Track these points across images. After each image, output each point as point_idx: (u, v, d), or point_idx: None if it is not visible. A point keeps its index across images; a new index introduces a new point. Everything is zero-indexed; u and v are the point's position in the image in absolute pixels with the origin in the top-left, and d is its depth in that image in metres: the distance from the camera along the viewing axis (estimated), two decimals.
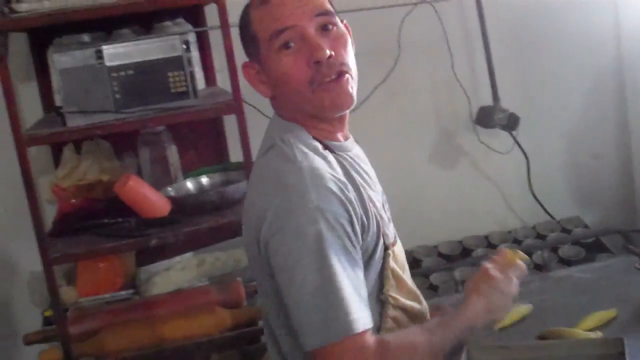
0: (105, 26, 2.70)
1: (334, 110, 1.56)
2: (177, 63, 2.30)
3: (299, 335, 1.43)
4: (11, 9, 2.20)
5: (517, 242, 3.28)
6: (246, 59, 1.63)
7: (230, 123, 2.90)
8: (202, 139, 2.96)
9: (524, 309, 2.22)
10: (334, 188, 1.47)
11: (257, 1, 1.56)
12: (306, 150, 1.53)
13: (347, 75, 1.54)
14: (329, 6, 1.58)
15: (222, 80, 2.91)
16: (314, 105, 1.54)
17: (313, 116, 1.58)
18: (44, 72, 2.78)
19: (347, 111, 1.61)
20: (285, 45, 1.52)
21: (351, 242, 1.47)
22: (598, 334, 1.99)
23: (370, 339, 1.42)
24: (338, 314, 1.39)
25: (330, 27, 1.56)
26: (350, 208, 1.47)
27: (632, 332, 1.96)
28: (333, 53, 1.52)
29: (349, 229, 1.46)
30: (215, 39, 2.90)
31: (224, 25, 2.30)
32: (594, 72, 3.43)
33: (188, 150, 2.87)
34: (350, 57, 1.58)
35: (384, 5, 2.79)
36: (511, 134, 3.25)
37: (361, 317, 1.41)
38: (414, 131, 3.29)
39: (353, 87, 1.56)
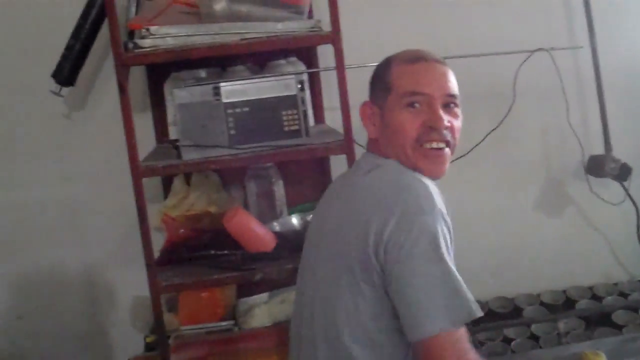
0: (221, 62, 2.77)
1: (426, 174, 1.77)
2: (292, 102, 2.34)
3: (417, 324, 1.56)
4: (135, 44, 2.27)
5: (622, 295, 3.17)
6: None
7: (335, 160, 2.92)
8: (308, 176, 2.98)
9: None
10: (441, 199, 1.69)
11: (406, 58, 1.83)
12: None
13: (448, 150, 1.79)
14: (457, 91, 1.82)
15: (330, 117, 2.95)
16: (410, 161, 1.78)
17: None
18: (159, 104, 2.86)
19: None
20: (412, 105, 1.78)
21: (451, 249, 1.66)
22: None
23: None
24: (462, 300, 1.58)
25: (453, 106, 1.81)
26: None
27: None
28: (449, 125, 1.77)
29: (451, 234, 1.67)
30: (325, 77, 2.95)
31: (340, 67, 2.32)
32: None
33: (294, 186, 2.90)
34: (458, 136, 1.82)
35: (502, 51, 2.78)
36: (622, 185, 3.17)
37: (476, 304, 1.60)
38: (523, 178, 3.24)
39: (448, 162, 1.81)
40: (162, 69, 2.77)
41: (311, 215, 2.71)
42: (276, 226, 2.62)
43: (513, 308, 3.15)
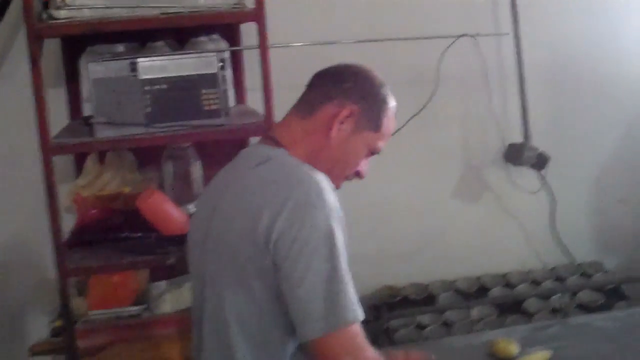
0: (140, 37, 2.67)
1: None
2: (212, 81, 2.27)
3: (307, 323, 1.55)
4: (49, 14, 2.17)
5: (535, 283, 3.23)
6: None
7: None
8: (227, 158, 2.91)
9: (542, 355, 2.19)
10: (334, 194, 1.66)
11: (394, 110, 1.83)
12: None
13: None
14: None
15: (251, 99, 2.89)
16: (329, 177, 1.71)
17: None
18: (73, 80, 2.76)
19: None
20: (373, 152, 1.82)
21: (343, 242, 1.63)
22: None
23: None
24: (347, 303, 1.56)
25: None
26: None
27: None
28: None
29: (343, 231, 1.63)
30: (248, 57, 2.89)
31: (263, 46, 2.27)
32: (624, 117, 3.42)
33: (212, 168, 2.82)
34: None
35: (426, 36, 2.77)
36: (539, 174, 3.22)
37: (360, 308, 1.59)
38: (443, 163, 3.27)
39: None
40: (78, 43, 2.65)
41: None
42: (192, 209, 2.55)
43: (427, 295, 3.17)
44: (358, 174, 1.82)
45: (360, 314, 1.58)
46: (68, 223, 2.66)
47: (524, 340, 2.29)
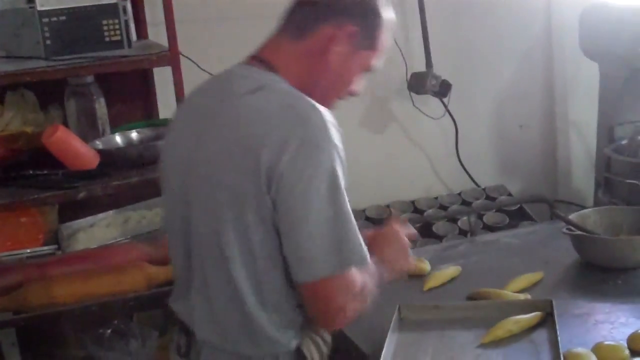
0: None
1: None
2: (113, 11, 2.25)
3: (305, 265, 1.49)
4: None
5: (442, 208, 3.33)
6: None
7: (160, 79, 2.84)
8: (131, 94, 2.88)
9: (452, 270, 2.25)
10: (339, 129, 1.55)
11: (391, 20, 1.68)
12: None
13: None
14: None
15: (153, 34, 2.85)
16: (318, 98, 1.58)
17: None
18: None
19: None
20: (368, 71, 1.69)
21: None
22: (527, 296, 2.03)
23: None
24: (354, 245, 1.50)
25: None
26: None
27: (559, 294, 2.02)
28: None
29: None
30: None
31: None
32: (524, 43, 3.51)
33: (116, 104, 2.79)
34: None
35: None
36: (442, 101, 3.28)
37: (365, 251, 1.53)
38: None
39: None
40: None
41: (136, 134, 2.65)
42: (99, 145, 2.52)
43: None
44: (352, 93, 1.72)
45: (366, 257, 1.52)
46: None
47: (434, 259, 2.34)
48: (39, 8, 2.18)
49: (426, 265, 2.29)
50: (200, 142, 1.59)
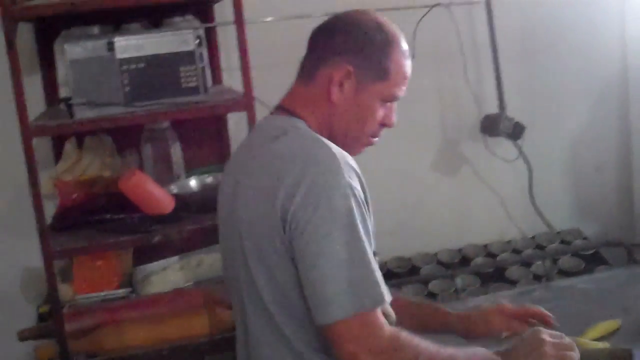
0: (114, 20, 2.67)
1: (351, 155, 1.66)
2: (189, 58, 2.27)
3: (320, 308, 1.48)
4: None
5: (516, 252, 3.26)
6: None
7: (234, 122, 2.88)
8: (206, 138, 2.92)
9: None
10: (357, 171, 1.59)
11: (403, 50, 1.71)
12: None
13: None
14: None
15: (227, 79, 2.89)
16: (341, 143, 1.65)
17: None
18: (48, 65, 2.74)
19: None
20: (387, 102, 1.71)
21: (367, 224, 1.55)
22: (605, 345, 1.98)
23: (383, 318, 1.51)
24: (368, 286, 1.48)
25: None
26: (365, 195, 1.58)
27: (638, 343, 1.95)
28: None
29: (366, 211, 1.56)
30: (222, 37, 2.89)
31: (239, 21, 2.26)
32: (599, 84, 3.45)
33: (191, 148, 2.83)
34: None
35: (400, 6, 2.78)
36: (515, 144, 3.24)
37: (385, 290, 1.50)
38: (420, 137, 3.27)
39: None
40: (52, 27, 2.64)
41: (210, 177, 2.67)
42: (174, 189, 2.55)
43: (411, 267, 3.20)
44: (385, 125, 1.73)
45: (380, 299, 1.49)
46: (49, 210, 2.65)
47: None
48: (119, 56, 2.23)
49: None
50: (237, 189, 1.65)
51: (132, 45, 2.25)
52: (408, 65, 1.72)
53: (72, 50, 2.21)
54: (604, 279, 2.62)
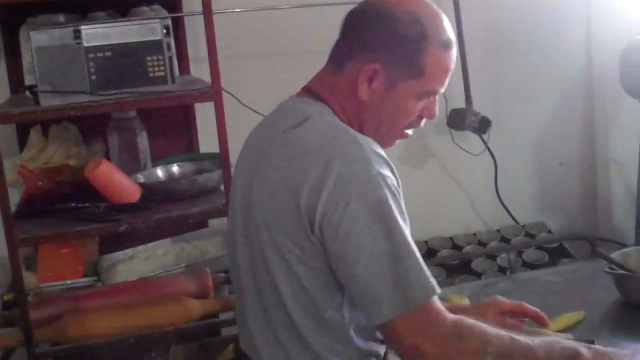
0: (80, 8, 2.65)
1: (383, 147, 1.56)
2: (157, 47, 2.26)
3: (372, 309, 1.40)
4: None
5: (481, 245, 3.30)
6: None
7: (202, 114, 2.88)
8: (173, 129, 2.93)
9: None
10: (385, 158, 1.48)
11: (442, 40, 1.54)
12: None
13: None
14: None
15: (195, 70, 2.89)
16: (371, 135, 1.54)
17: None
18: (13, 52, 2.72)
19: None
20: (424, 97, 1.57)
21: (404, 211, 1.47)
22: (568, 336, 2.00)
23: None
24: (417, 278, 1.39)
25: None
26: (398, 182, 1.50)
27: (600, 334, 1.98)
28: None
29: (400, 198, 1.47)
30: (190, 27, 2.88)
31: (207, 12, 2.26)
32: (564, 81, 3.50)
33: (158, 138, 2.83)
34: None
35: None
36: (482, 138, 3.27)
37: (434, 280, 1.41)
38: None
39: None
40: (17, 14, 2.62)
41: (177, 167, 2.67)
42: (140, 178, 2.55)
43: None
44: (429, 116, 1.62)
45: (432, 288, 1.39)
46: (13, 198, 2.63)
47: (473, 296, 2.32)
48: (85, 44, 2.22)
49: (466, 302, 2.27)
50: (254, 178, 1.55)
51: (98, 33, 2.23)
52: (449, 57, 1.55)
53: (38, 38, 2.19)
54: (567, 271, 2.64)
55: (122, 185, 2.38)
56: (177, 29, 2.84)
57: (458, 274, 3.06)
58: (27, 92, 2.44)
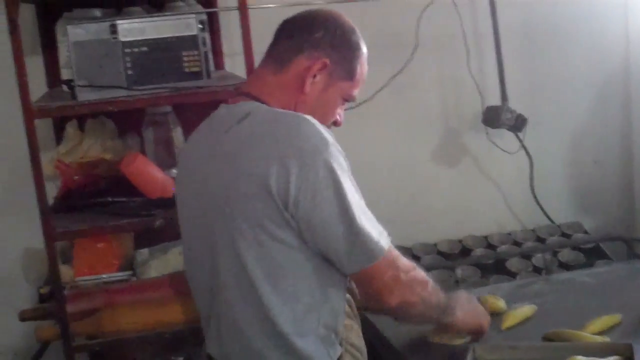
0: (116, 3, 2.66)
1: None
2: (192, 42, 2.27)
3: (359, 255, 1.59)
4: None
5: (516, 244, 3.26)
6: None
7: None
8: None
9: (528, 309, 2.22)
10: (329, 130, 1.64)
11: (366, 55, 1.79)
12: None
13: None
14: None
15: (229, 64, 2.89)
16: None
17: None
18: (50, 46, 2.73)
19: None
20: (347, 100, 1.80)
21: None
22: (605, 339, 1.98)
23: None
24: (367, 240, 1.59)
25: None
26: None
27: (638, 338, 1.95)
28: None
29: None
30: (225, 23, 2.88)
31: (243, 7, 2.26)
32: (601, 78, 3.44)
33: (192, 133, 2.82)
34: None
35: None
36: (517, 136, 3.24)
37: (384, 237, 1.64)
38: (421, 127, 3.27)
39: None
40: (53, 9, 2.65)
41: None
42: (175, 173, 2.55)
43: (410, 257, 3.16)
44: (335, 123, 1.80)
45: (383, 244, 1.61)
46: (50, 192, 2.65)
47: (508, 297, 2.31)
48: (121, 39, 2.23)
49: (501, 303, 2.26)
50: (208, 180, 1.67)
51: (135, 28, 2.24)
52: (366, 70, 1.80)
53: (75, 33, 2.20)
54: (604, 273, 2.62)
55: (157, 180, 2.39)
56: (212, 23, 2.83)
57: (492, 274, 3.03)
58: (64, 87, 2.45)
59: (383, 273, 1.63)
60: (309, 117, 1.61)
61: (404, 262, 1.69)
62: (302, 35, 1.74)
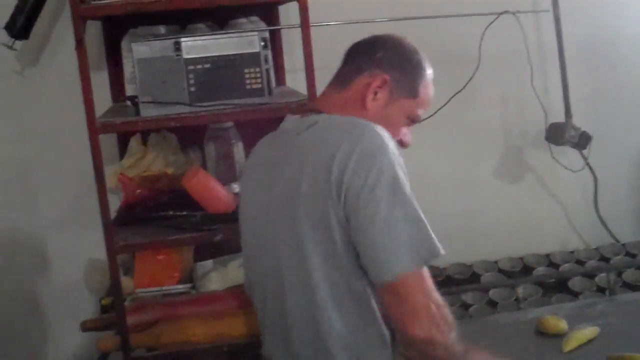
0: (180, 20, 2.70)
1: None
2: (254, 60, 2.30)
3: (384, 265, 1.54)
4: None
5: (579, 263, 3.20)
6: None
7: None
8: None
9: (590, 331, 2.17)
10: (395, 144, 1.66)
11: (431, 76, 1.83)
12: None
13: None
14: None
15: (291, 80, 2.91)
16: None
17: None
18: (115, 63, 2.80)
19: None
20: (408, 122, 1.84)
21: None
22: None
23: None
24: (426, 239, 1.56)
25: None
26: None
27: None
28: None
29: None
30: (287, 38, 2.90)
31: (305, 25, 2.27)
32: None
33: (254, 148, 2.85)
34: None
35: (467, 13, 2.77)
36: (581, 153, 3.19)
37: (438, 245, 1.58)
38: (484, 143, 3.25)
39: None
40: (119, 25, 2.70)
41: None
42: (236, 188, 2.58)
43: (471, 274, 3.16)
44: (401, 143, 1.82)
45: (438, 250, 1.57)
46: (113, 204, 2.71)
47: (570, 318, 2.27)
48: (185, 56, 2.26)
49: (564, 324, 2.22)
50: (275, 185, 1.72)
51: (198, 45, 2.28)
52: (432, 90, 1.84)
53: (139, 50, 2.25)
54: None
55: (218, 195, 2.42)
56: (274, 40, 2.86)
57: (554, 293, 2.98)
58: (128, 102, 2.49)
59: (411, 294, 1.54)
60: (379, 126, 1.65)
61: (437, 295, 1.59)
62: (365, 56, 1.81)
